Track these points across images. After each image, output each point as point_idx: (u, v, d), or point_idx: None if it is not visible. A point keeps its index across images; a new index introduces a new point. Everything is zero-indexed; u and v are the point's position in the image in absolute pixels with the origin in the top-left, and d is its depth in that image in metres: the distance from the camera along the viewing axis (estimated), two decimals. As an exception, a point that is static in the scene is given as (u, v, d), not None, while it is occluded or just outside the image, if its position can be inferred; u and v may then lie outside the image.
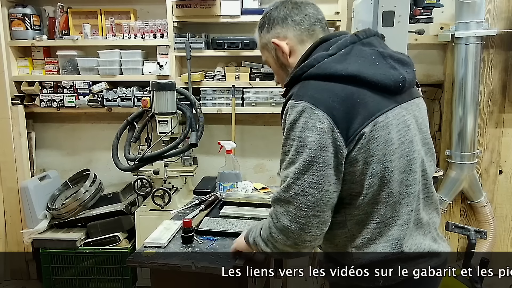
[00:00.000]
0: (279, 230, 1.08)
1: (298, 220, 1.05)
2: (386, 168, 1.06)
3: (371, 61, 1.10)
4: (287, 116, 1.09)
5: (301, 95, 1.06)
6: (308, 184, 1.03)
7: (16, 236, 3.07)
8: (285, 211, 1.06)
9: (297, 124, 1.05)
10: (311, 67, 1.09)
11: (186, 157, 2.89)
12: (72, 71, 3.04)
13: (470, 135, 2.82)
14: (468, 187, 2.92)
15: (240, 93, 2.95)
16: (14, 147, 3.03)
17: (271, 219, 1.11)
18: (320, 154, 1.02)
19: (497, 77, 2.91)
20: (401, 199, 1.10)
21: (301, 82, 1.11)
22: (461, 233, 2.54)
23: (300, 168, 1.04)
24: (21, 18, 2.96)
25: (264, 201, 1.86)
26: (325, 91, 1.05)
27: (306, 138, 1.03)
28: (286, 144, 1.09)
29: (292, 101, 1.08)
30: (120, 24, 2.96)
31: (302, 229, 1.05)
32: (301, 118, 1.04)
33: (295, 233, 1.06)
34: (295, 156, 1.05)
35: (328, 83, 1.06)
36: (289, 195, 1.05)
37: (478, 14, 2.65)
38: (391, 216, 1.10)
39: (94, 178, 2.96)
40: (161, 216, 2.59)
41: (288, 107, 1.09)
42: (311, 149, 1.03)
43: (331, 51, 1.11)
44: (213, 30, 3.01)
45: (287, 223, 1.06)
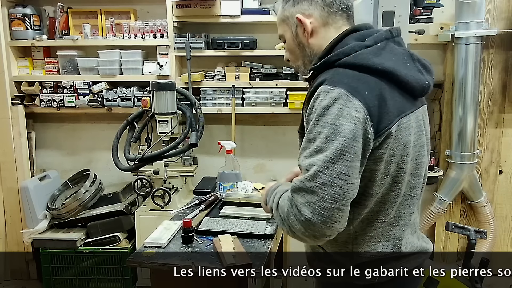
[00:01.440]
0: (299, 221, 0.99)
1: (321, 212, 0.96)
2: (401, 169, 1.07)
3: (403, 61, 1.09)
4: (317, 102, 1.01)
5: (336, 82, 1.01)
6: (337, 174, 0.96)
7: (16, 236, 3.07)
8: (307, 201, 0.97)
9: (331, 111, 0.98)
10: (347, 55, 1.05)
11: (186, 157, 2.89)
12: (72, 71, 3.04)
13: (470, 135, 2.82)
14: (468, 187, 2.92)
15: (240, 93, 2.95)
16: (14, 147, 3.04)
17: (290, 205, 1.02)
18: (353, 144, 0.97)
19: (497, 77, 2.91)
20: (406, 200, 1.12)
21: (335, 68, 1.06)
22: (461, 233, 2.54)
23: (330, 157, 0.96)
24: (21, 18, 2.96)
25: (264, 201, 1.86)
26: (361, 82, 1.02)
27: (340, 126, 0.97)
28: (312, 131, 1.00)
29: (325, 86, 1.01)
30: (120, 24, 2.96)
31: (324, 222, 0.97)
32: (335, 104, 0.98)
33: (317, 226, 0.98)
34: (325, 143, 0.97)
35: (364, 75, 1.03)
36: (315, 185, 0.97)
37: (478, 14, 2.66)
38: (394, 216, 1.11)
39: (94, 178, 2.96)
40: (161, 216, 2.59)
41: (320, 92, 1.01)
42: (345, 137, 0.97)
43: (367, 42, 1.08)
44: (213, 30, 3.01)
45: (309, 215, 0.97)
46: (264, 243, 1.59)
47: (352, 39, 1.10)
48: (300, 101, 2.85)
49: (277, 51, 2.88)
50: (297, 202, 0.99)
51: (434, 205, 2.96)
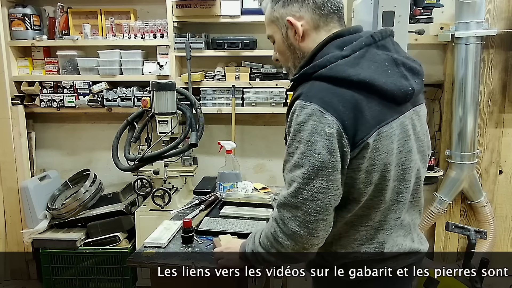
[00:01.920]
0: (286, 235, 1.05)
1: (307, 225, 1.02)
2: (384, 177, 1.07)
3: (384, 68, 1.07)
4: (294, 116, 1.03)
5: (310, 96, 1.02)
6: (317, 189, 1.01)
7: (16, 236, 3.07)
8: (293, 216, 1.03)
9: (305, 127, 1.00)
10: (323, 68, 1.05)
11: (186, 157, 2.89)
12: (72, 71, 3.04)
13: (470, 135, 2.82)
14: (468, 187, 2.92)
15: (240, 93, 2.95)
16: (14, 147, 3.04)
17: (276, 224, 1.07)
18: (329, 159, 1.00)
19: (497, 77, 2.91)
20: (391, 206, 1.12)
21: (311, 81, 1.06)
22: (461, 233, 2.54)
23: (308, 174, 1.00)
24: (21, 18, 2.96)
25: (264, 201, 1.86)
26: (335, 96, 1.01)
27: (315, 143, 0.99)
28: (291, 146, 1.04)
29: (301, 101, 1.03)
30: (120, 24, 2.96)
31: (311, 233, 1.03)
32: (309, 121, 1.00)
33: (304, 238, 1.03)
34: (302, 159, 1.01)
35: (338, 88, 1.02)
36: (298, 201, 1.02)
37: (478, 14, 2.66)
38: (379, 220, 1.13)
39: (94, 178, 2.96)
40: (161, 216, 2.59)
41: (296, 107, 1.03)
42: (320, 153, 0.99)
43: (345, 52, 1.06)
44: (213, 30, 3.01)
45: (296, 228, 1.03)
46: (264, 243, 1.59)
47: (332, 47, 1.09)
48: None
49: (277, 51, 2.88)
50: (284, 217, 1.04)
51: (434, 205, 2.96)
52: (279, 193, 2.09)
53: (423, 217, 2.99)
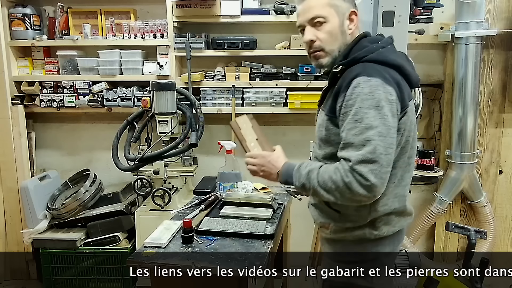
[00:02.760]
0: (362, 186, 1.20)
1: (381, 176, 1.21)
2: (407, 141, 1.34)
3: (405, 59, 1.38)
4: (357, 89, 1.24)
5: (370, 73, 1.25)
6: (388, 145, 1.22)
7: (16, 236, 3.07)
8: (370, 169, 1.20)
9: (373, 96, 1.22)
10: (371, 53, 1.31)
11: (186, 157, 2.89)
12: (72, 71, 3.04)
13: (470, 135, 2.82)
14: (468, 187, 2.92)
15: (240, 93, 2.95)
16: (14, 147, 3.04)
17: (352, 176, 1.21)
18: (393, 121, 1.24)
19: (497, 77, 2.91)
20: (406, 166, 1.37)
21: (362, 63, 1.29)
22: (461, 233, 2.54)
23: (382, 132, 1.21)
24: (21, 18, 2.96)
25: (264, 201, 1.86)
26: (386, 73, 1.27)
27: (383, 107, 1.22)
28: (359, 113, 1.22)
29: (364, 77, 1.25)
30: (120, 24, 2.96)
31: (382, 184, 1.22)
32: (376, 91, 1.23)
33: (378, 188, 1.21)
34: (374, 121, 1.21)
35: (386, 68, 1.29)
36: (375, 156, 1.20)
37: (478, 14, 2.66)
38: (399, 178, 1.36)
39: (94, 178, 2.96)
40: (161, 216, 2.59)
41: (360, 82, 1.24)
42: (387, 116, 1.22)
43: (381, 44, 1.35)
44: (213, 30, 3.01)
45: (373, 180, 1.20)
46: (264, 243, 1.59)
47: (367, 41, 1.36)
48: (300, 101, 2.85)
49: (277, 51, 2.89)
50: (361, 172, 1.20)
51: (434, 205, 2.96)
52: (278, 193, 2.10)
53: (423, 217, 2.99)
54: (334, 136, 1.34)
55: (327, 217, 1.44)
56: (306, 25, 1.38)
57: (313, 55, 1.40)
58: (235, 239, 1.61)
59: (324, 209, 1.45)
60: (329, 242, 1.49)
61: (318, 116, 1.48)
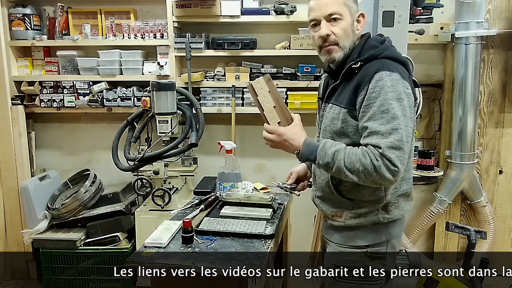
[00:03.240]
0: (390, 171, 1.30)
1: (404, 162, 1.32)
2: (413, 130, 1.43)
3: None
4: (380, 83, 1.34)
5: (391, 68, 1.37)
6: (409, 133, 1.35)
7: (16, 236, 3.07)
8: (397, 156, 1.30)
9: (395, 89, 1.34)
10: (386, 50, 1.43)
11: (186, 157, 2.90)
12: (72, 71, 3.04)
13: (470, 135, 2.82)
14: (468, 187, 2.92)
15: (240, 93, 2.95)
16: (14, 147, 3.04)
17: (382, 161, 1.30)
18: (411, 112, 1.37)
19: (497, 77, 2.91)
20: (411, 154, 1.47)
21: (379, 60, 1.40)
22: (461, 233, 2.54)
23: (405, 122, 1.32)
24: (21, 18, 2.96)
25: (264, 201, 1.86)
26: (401, 69, 1.40)
27: (403, 100, 1.34)
28: (385, 104, 1.32)
29: (385, 71, 1.36)
30: (120, 24, 2.96)
31: (403, 169, 1.32)
32: (397, 85, 1.34)
33: (400, 173, 1.32)
34: (397, 112, 1.32)
35: (398, 64, 1.41)
36: (402, 143, 1.30)
37: (478, 14, 2.66)
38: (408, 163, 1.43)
39: (94, 178, 2.96)
40: (161, 216, 2.59)
41: (383, 76, 1.35)
42: (407, 107, 1.34)
43: (388, 43, 1.48)
44: (213, 30, 3.01)
45: (400, 166, 1.30)
46: (264, 243, 1.59)
47: (374, 41, 1.48)
48: (300, 101, 2.86)
49: (277, 51, 2.89)
50: (390, 158, 1.29)
51: (434, 205, 2.96)
52: (278, 193, 2.10)
53: (423, 217, 2.99)
54: (351, 128, 1.42)
55: (339, 206, 1.52)
56: (321, 20, 1.45)
57: (327, 49, 1.46)
58: (235, 239, 1.61)
59: (336, 199, 1.51)
60: (339, 230, 1.54)
61: (326, 111, 1.53)
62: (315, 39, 1.49)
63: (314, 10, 1.48)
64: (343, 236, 1.53)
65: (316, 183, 1.60)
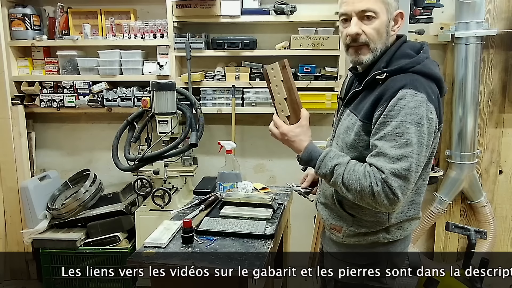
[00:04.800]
0: (388, 199, 1.20)
1: (406, 192, 1.21)
2: (432, 153, 1.33)
3: (439, 68, 1.34)
4: (402, 101, 1.20)
5: (418, 87, 1.22)
6: (420, 163, 1.22)
7: (16, 236, 3.07)
8: (400, 185, 1.19)
9: (417, 111, 1.20)
10: (418, 64, 1.26)
11: (186, 157, 2.90)
12: (72, 71, 3.04)
13: (470, 135, 2.82)
14: (468, 187, 2.92)
15: (240, 93, 2.95)
16: (14, 147, 3.03)
17: (381, 187, 1.20)
18: (428, 139, 1.23)
19: (497, 77, 2.91)
20: (426, 175, 1.37)
21: (409, 74, 1.25)
22: (461, 233, 2.54)
23: (418, 150, 1.20)
24: (21, 18, 2.96)
25: (264, 201, 1.86)
26: (429, 88, 1.24)
27: (423, 125, 1.20)
28: (400, 126, 1.20)
29: (411, 90, 1.21)
30: (120, 24, 2.96)
31: (404, 199, 1.21)
32: (421, 107, 1.20)
33: (400, 203, 1.21)
34: (413, 138, 1.19)
35: (429, 82, 1.25)
36: (409, 173, 1.19)
37: (478, 14, 2.66)
38: (418, 187, 1.37)
39: (94, 178, 2.96)
40: (161, 216, 2.59)
41: (407, 94, 1.21)
42: (425, 134, 1.21)
43: (425, 54, 1.30)
44: (213, 30, 3.01)
45: (400, 195, 1.19)
46: (264, 243, 1.59)
47: (407, 48, 1.32)
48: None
49: (277, 51, 2.88)
50: (392, 186, 1.19)
51: (434, 205, 2.96)
52: (278, 193, 2.10)
53: (423, 217, 2.99)
54: (363, 142, 1.31)
55: (339, 219, 1.43)
56: (353, 15, 1.29)
57: (356, 49, 1.33)
58: (235, 239, 1.61)
59: (337, 211, 1.43)
60: (338, 244, 1.48)
61: (343, 116, 1.42)
62: (342, 36, 1.34)
63: (346, 3, 1.31)
64: (342, 251, 1.47)
65: (321, 188, 1.52)
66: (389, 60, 1.30)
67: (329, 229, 1.49)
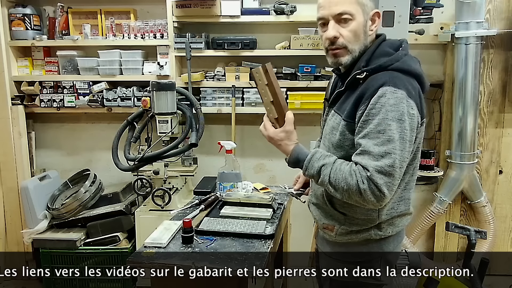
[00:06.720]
0: (374, 195, 1.21)
1: (392, 188, 1.23)
2: (417, 148, 1.34)
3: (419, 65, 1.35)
4: (383, 99, 1.23)
5: (398, 84, 1.24)
6: (404, 159, 1.24)
7: (16, 236, 3.07)
8: (386, 182, 1.20)
9: (397, 108, 1.22)
10: (397, 61, 1.29)
11: (186, 157, 2.89)
12: (72, 71, 3.04)
13: (470, 135, 2.82)
14: (468, 187, 2.92)
15: (240, 93, 2.95)
16: (14, 147, 3.04)
17: (367, 185, 1.21)
18: (411, 135, 1.25)
19: (497, 77, 2.91)
20: (414, 170, 1.38)
21: (389, 72, 1.27)
22: (461, 233, 2.54)
23: (401, 146, 1.22)
24: (21, 18, 2.96)
25: (264, 201, 1.86)
26: (410, 84, 1.26)
27: (405, 121, 1.22)
28: (382, 124, 1.22)
29: (391, 87, 1.23)
30: (120, 24, 2.96)
31: (391, 195, 1.23)
32: (400, 104, 1.22)
33: (387, 199, 1.23)
34: (395, 135, 1.21)
35: (409, 78, 1.27)
36: (393, 169, 1.20)
37: (478, 14, 2.66)
38: (407, 183, 1.38)
39: (94, 178, 2.96)
40: (161, 216, 2.59)
41: (387, 92, 1.23)
42: (407, 130, 1.23)
43: (404, 51, 1.32)
44: (213, 30, 3.01)
45: (386, 192, 1.21)
46: (264, 243, 1.59)
47: (386, 46, 1.34)
48: (300, 101, 2.85)
49: (277, 51, 2.89)
50: (377, 183, 1.20)
51: (434, 205, 2.96)
52: (278, 194, 2.10)
53: (423, 217, 2.99)
54: (348, 141, 1.33)
55: (331, 219, 1.44)
56: (330, 19, 1.32)
57: (334, 52, 1.35)
58: (235, 239, 1.61)
59: (329, 210, 1.44)
60: (331, 243, 1.49)
61: (328, 116, 1.45)
62: (322, 40, 1.37)
63: (323, 7, 1.33)
64: (335, 250, 1.48)
65: (313, 189, 1.55)
66: (369, 59, 1.32)
67: (322, 228, 1.50)
